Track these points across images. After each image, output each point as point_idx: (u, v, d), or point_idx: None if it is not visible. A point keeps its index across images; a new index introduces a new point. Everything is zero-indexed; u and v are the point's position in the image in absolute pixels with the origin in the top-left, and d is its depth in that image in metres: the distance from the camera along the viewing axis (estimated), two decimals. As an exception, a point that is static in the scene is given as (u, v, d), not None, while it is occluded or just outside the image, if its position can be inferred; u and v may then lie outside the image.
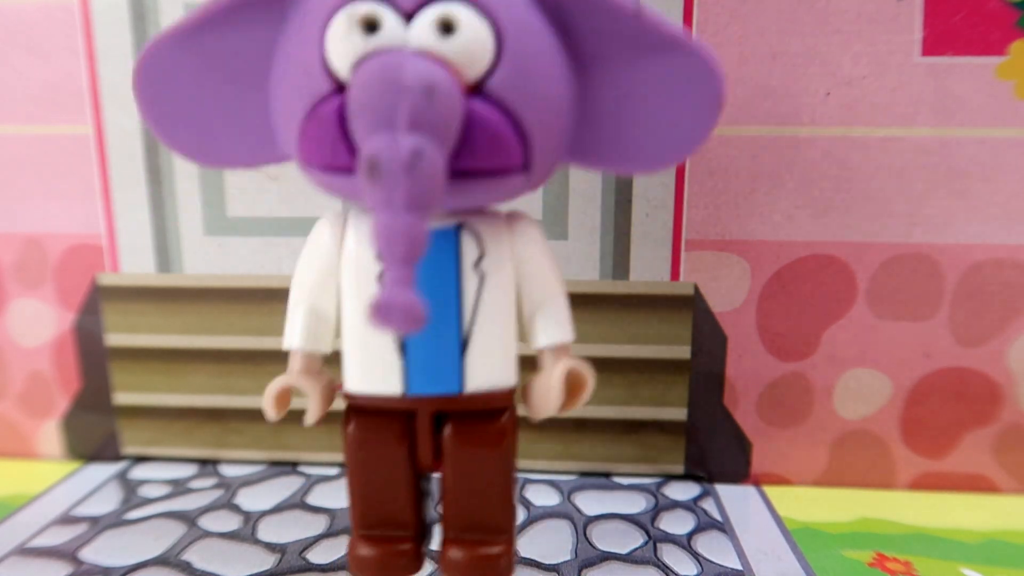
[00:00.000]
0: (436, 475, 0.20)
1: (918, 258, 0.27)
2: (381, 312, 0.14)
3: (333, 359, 0.19)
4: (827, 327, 0.27)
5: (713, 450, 0.29)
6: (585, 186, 0.27)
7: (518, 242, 0.18)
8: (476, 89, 0.16)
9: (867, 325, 0.27)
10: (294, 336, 0.19)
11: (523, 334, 0.19)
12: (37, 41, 0.28)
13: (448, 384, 0.18)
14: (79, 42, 0.28)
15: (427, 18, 0.15)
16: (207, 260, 0.29)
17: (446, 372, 0.18)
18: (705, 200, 0.27)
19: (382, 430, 0.18)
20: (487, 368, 0.18)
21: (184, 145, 0.19)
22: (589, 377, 0.18)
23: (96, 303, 0.29)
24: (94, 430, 0.31)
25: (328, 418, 0.30)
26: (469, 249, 0.17)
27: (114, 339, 0.30)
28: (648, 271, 0.27)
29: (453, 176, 0.15)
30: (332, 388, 0.19)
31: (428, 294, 0.16)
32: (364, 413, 0.18)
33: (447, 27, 0.15)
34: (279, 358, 0.29)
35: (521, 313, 0.19)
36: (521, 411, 0.19)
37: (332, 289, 0.18)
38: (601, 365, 0.28)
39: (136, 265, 0.29)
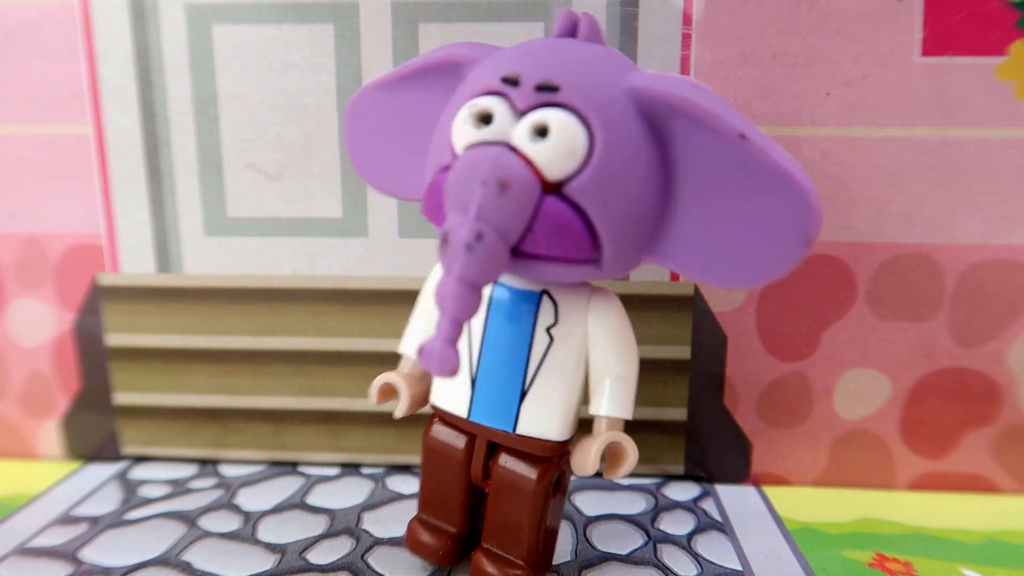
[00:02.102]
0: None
1: (918, 258, 0.27)
2: (424, 355, 0.17)
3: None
4: (827, 327, 0.27)
5: (713, 450, 0.29)
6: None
7: (592, 317, 0.20)
8: (557, 187, 0.18)
9: (867, 325, 0.27)
10: (407, 343, 0.22)
11: (587, 398, 0.21)
12: (37, 41, 0.28)
13: (503, 422, 0.20)
14: (79, 42, 0.28)
15: (530, 120, 0.18)
16: (207, 260, 0.29)
17: (504, 411, 0.20)
18: (705, 200, 0.27)
19: (450, 440, 0.22)
20: (539, 418, 0.20)
21: (374, 178, 0.23)
22: (631, 452, 0.20)
23: (96, 303, 0.29)
24: (94, 430, 0.31)
25: (325, 419, 0.30)
26: (546, 313, 0.20)
27: (114, 339, 0.30)
28: (648, 271, 0.27)
29: (522, 256, 0.18)
30: (425, 396, 0.22)
31: (506, 342, 0.20)
32: (442, 422, 0.22)
33: (542, 131, 0.17)
34: (279, 358, 0.29)
35: (590, 376, 0.21)
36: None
37: None
38: (601, 365, 0.28)
39: (136, 265, 0.29)
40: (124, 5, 0.27)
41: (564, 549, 0.24)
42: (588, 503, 0.27)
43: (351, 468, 0.30)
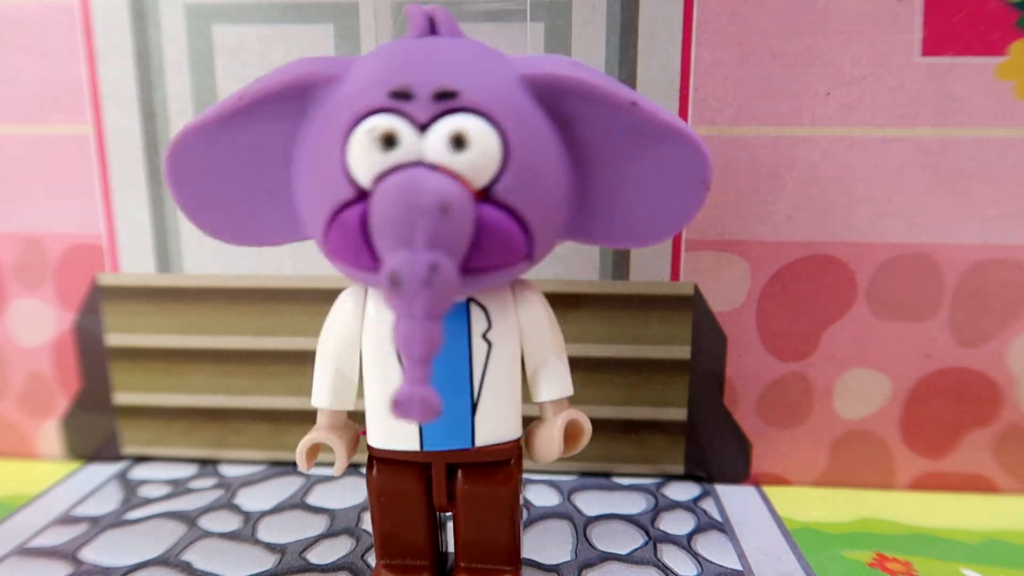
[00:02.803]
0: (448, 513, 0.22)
1: (918, 258, 0.27)
2: (402, 406, 0.16)
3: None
4: (827, 327, 0.27)
5: (713, 450, 0.29)
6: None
7: (521, 311, 0.20)
8: (484, 193, 0.17)
9: (867, 325, 0.27)
10: (322, 396, 0.21)
11: (527, 389, 0.21)
12: (37, 41, 0.28)
13: (460, 441, 0.20)
14: (79, 42, 0.28)
15: (441, 132, 0.17)
16: (207, 260, 0.29)
17: (458, 430, 0.20)
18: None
19: (402, 477, 0.21)
20: (494, 425, 0.20)
21: (214, 227, 0.20)
22: (587, 426, 0.21)
23: (96, 303, 0.29)
24: (94, 430, 0.31)
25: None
26: (478, 321, 0.19)
27: (114, 339, 0.30)
28: (648, 271, 0.27)
29: (465, 272, 0.17)
30: (356, 438, 0.22)
31: (442, 362, 0.18)
32: (385, 462, 0.21)
33: (459, 142, 0.17)
34: (279, 358, 0.29)
35: (525, 371, 0.21)
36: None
37: (355, 354, 0.20)
38: (601, 365, 0.28)
39: (136, 265, 0.29)
40: (124, 5, 0.27)
41: (564, 549, 0.24)
42: (588, 503, 0.27)
43: (351, 468, 0.30)
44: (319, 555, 0.24)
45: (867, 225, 0.27)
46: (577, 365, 0.28)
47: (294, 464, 0.30)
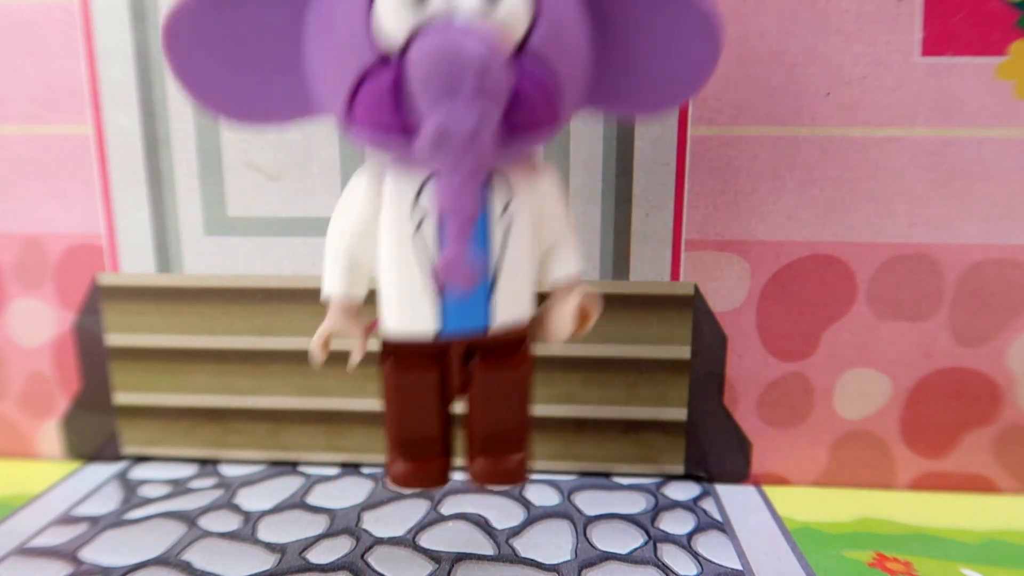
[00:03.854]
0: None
1: (918, 258, 0.27)
2: (450, 268, 0.16)
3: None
4: (827, 327, 0.27)
5: (713, 450, 0.29)
6: (585, 186, 0.27)
7: (540, 188, 0.20)
8: (517, 48, 0.17)
9: (867, 325, 0.27)
10: (335, 283, 0.20)
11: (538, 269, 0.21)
12: (37, 41, 0.28)
13: (478, 322, 0.19)
14: (79, 42, 0.28)
15: None
16: (207, 260, 0.29)
17: (476, 312, 0.19)
18: (705, 200, 0.27)
19: (417, 366, 0.20)
20: (511, 305, 0.20)
21: (217, 105, 0.19)
22: (596, 305, 0.21)
23: (96, 303, 0.29)
24: (94, 430, 0.31)
25: (325, 419, 0.30)
26: (500, 197, 0.19)
27: (114, 339, 0.30)
28: (648, 271, 0.27)
29: (503, 131, 0.17)
30: (369, 328, 0.21)
31: None
32: (400, 352, 0.20)
33: None
34: (279, 358, 0.29)
35: (540, 247, 0.20)
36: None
37: (370, 238, 0.19)
38: (601, 365, 0.28)
39: (136, 265, 0.29)
40: (124, 5, 0.27)
41: (564, 548, 0.24)
42: (588, 503, 0.27)
43: (351, 468, 0.30)
44: (319, 555, 0.24)
45: (867, 225, 0.27)
46: (577, 365, 0.28)
47: (294, 464, 0.30)
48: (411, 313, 0.19)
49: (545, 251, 0.21)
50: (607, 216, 0.27)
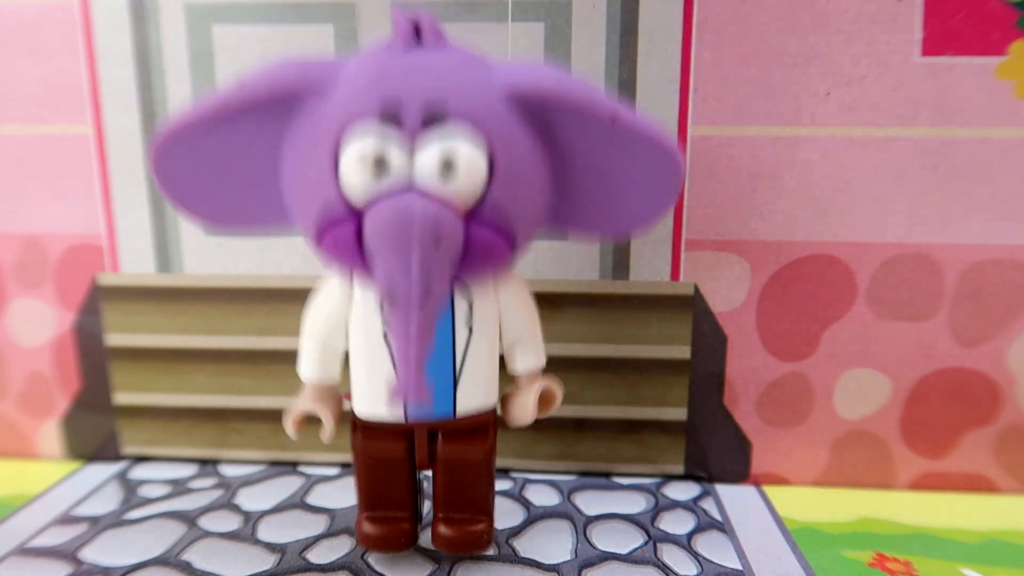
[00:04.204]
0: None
1: (918, 258, 0.27)
2: (398, 396, 0.18)
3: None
4: (827, 327, 0.27)
5: (713, 450, 0.29)
6: (585, 186, 0.27)
7: (501, 296, 0.22)
8: (471, 211, 0.18)
9: (867, 325, 0.27)
10: (310, 369, 0.22)
11: (504, 359, 0.23)
12: (37, 41, 0.28)
13: (443, 410, 0.21)
14: (79, 42, 0.28)
15: (431, 157, 0.18)
16: (207, 260, 0.29)
17: (442, 401, 0.21)
18: (705, 200, 0.27)
19: (385, 441, 0.22)
20: (474, 396, 0.22)
21: (202, 215, 0.21)
22: (558, 392, 0.23)
23: (96, 303, 0.29)
24: (94, 430, 0.31)
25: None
26: (461, 307, 0.21)
27: (114, 339, 0.30)
28: (648, 271, 0.27)
29: (454, 281, 0.19)
30: (340, 403, 0.23)
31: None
32: (369, 426, 0.22)
33: (448, 167, 0.18)
34: (279, 358, 0.29)
35: (502, 343, 0.22)
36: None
37: (342, 330, 0.22)
38: (601, 365, 0.28)
39: (136, 265, 0.29)
40: (124, 5, 0.27)
41: (564, 548, 0.24)
42: (588, 503, 0.27)
43: (351, 468, 0.30)
44: (319, 555, 0.24)
45: (867, 225, 0.27)
46: (577, 365, 0.28)
47: (294, 464, 0.30)
48: (379, 400, 0.21)
49: (511, 343, 0.22)
50: (607, 216, 0.27)
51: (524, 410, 0.22)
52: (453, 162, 0.18)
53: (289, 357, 0.29)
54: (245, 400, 0.30)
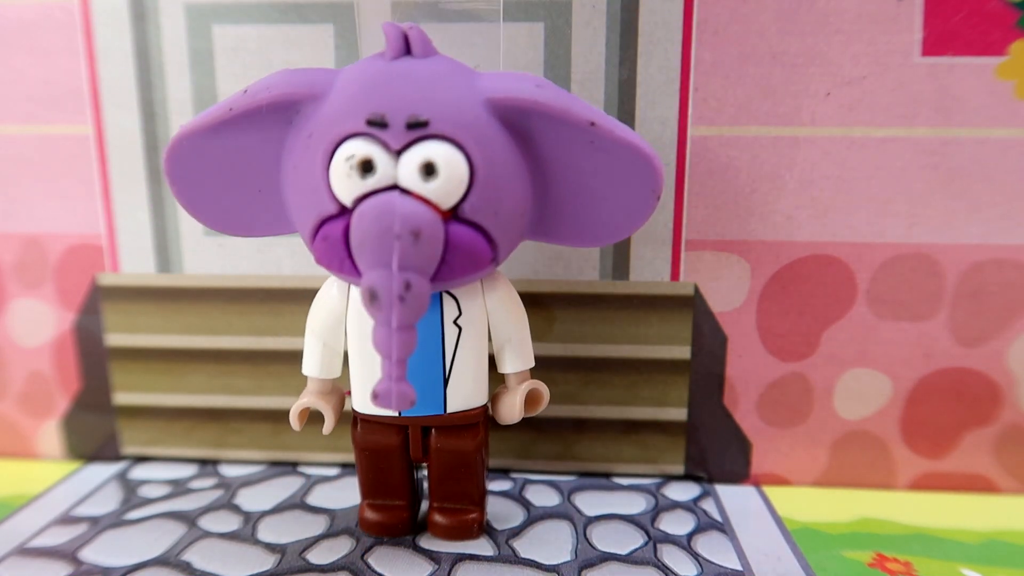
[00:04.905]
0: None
1: (918, 258, 0.27)
2: (381, 399, 0.19)
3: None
4: (827, 327, 0.27)
5: (713, 450, 0.29)
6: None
7: (489, 298, 0.23)
8: (452, 212, 0.19)
9: (867, 325, 0.27)
10: (312, 367, 0.23)
11: (494, 359, 0.24)
12: (37, 41, 0.28)
13: (434, 408, 0.23)
14: (79, 42, 0.28)
15: (413, 160, 0.19)
16: (207, 260, 0.29)
17: (432, 400, 0.23)
18: (705, 200, 0.27)
19: (382, 434, 0.24)
20: (464, 395, 0.23)
21: (209, 219, 0.22)
22: (545, 394, 0.24)
23: (96, 303, 0.29)
24: (94, 430, 0.31)
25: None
26: (449, 309, 0.22)
27: (114, 339, 0.30)
28: (648, 271, 0.27)
29: (436, 281, 0.19)
30: (342, 399, 0.24)
31: (420, 344, 0.20)
32: (368, 421, 0.24)
33: (429, 169, 0.19)
34: (279, 358, 0.29)
35: (492, 344, 0.23)
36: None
37: (340, 330, 0.23)
38: (601, 365, 0.28)
39: (136, 265, 0.29)
40: (124, 5, 0.27)
41: (564, 549, 0.24)
42: (588, 503, 0.27)
43: (351, 468, 0.30)
44: (319, 555, 0.24)
45: (867, 225, 0.27)
46: (577, 365, 0.28)
47: (294, 464, 0.30)
48: None
49: (501, 344, 0.23)
50: (607, 216, 0.27)
51: (512, 410, 0.23)
52: (434, 165, 0.19)
53: (289, 357, 0.29)
54: (245, 400, 0.30)
